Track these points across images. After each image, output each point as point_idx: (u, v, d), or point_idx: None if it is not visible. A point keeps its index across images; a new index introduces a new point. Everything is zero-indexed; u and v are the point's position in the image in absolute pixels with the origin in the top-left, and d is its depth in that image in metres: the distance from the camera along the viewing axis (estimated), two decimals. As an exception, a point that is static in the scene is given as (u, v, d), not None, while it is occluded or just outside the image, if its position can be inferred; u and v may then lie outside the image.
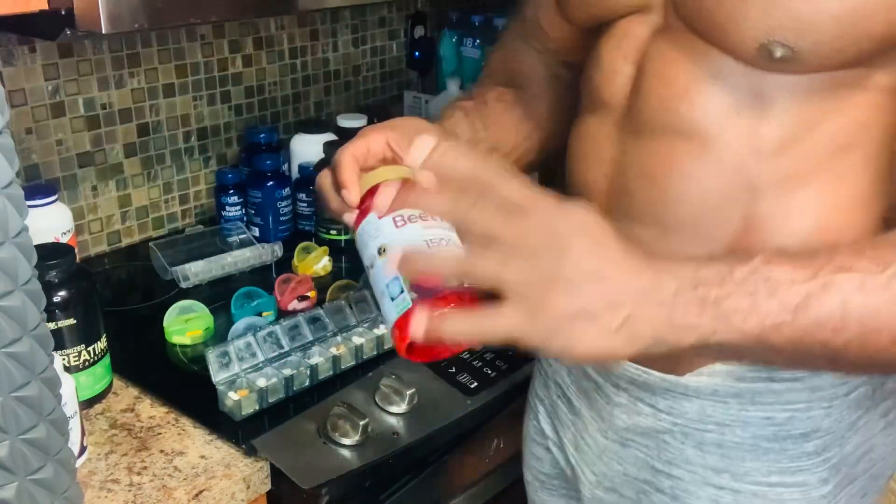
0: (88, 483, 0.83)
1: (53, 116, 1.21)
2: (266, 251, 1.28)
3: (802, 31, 0.57)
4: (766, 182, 0.63)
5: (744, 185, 0.63)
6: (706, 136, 0.63)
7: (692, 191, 0.65)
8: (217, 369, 0.93)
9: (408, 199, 0.58)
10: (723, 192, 0.64)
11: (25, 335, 0.52)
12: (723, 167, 0.63)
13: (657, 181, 0.66)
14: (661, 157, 0.66)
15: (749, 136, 0.62)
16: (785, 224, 0.63)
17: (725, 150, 0.63)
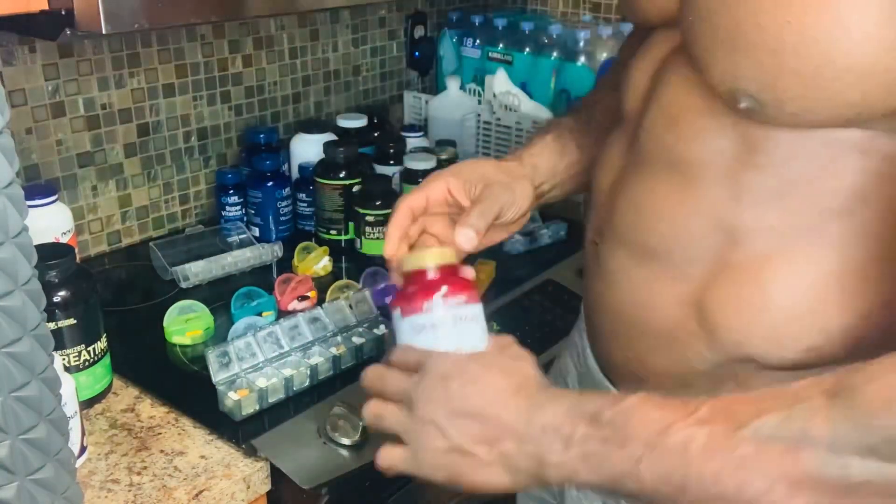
0: (88, 483, 0.83)
1: (53, 116, 1.21)
2: (266, 251, 1.28)
3: (766, 84, 0.53)
4: (742, 234, 0.59)
5: (719, 230, 0.60)
6: (688, 171, 0.61)
7: (665, 225, 0.63)
8: (217, 369, 0.93)
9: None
10: (695, 232, 0.61)
11: (25, 335, 0.52)
12: (699, 207, 0.60)
13: (638, 206, 0.65)
14: (645, 183, 0.64)
15: (730, 182, 0.59)
16: (759, 278, 0.59)
17: (704, 190, 0.60)
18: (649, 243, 0.64)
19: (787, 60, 0.51)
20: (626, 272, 0.67)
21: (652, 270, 0.64)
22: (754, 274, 0.59)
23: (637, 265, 0.66)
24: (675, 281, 0.63)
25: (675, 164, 0.62)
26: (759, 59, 0.52)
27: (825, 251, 0.57)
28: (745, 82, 0.54)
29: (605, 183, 0.71)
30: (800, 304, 0.58)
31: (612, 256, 0.68)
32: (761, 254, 0.59)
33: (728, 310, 0.60)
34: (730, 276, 0.60)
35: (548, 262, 1.31)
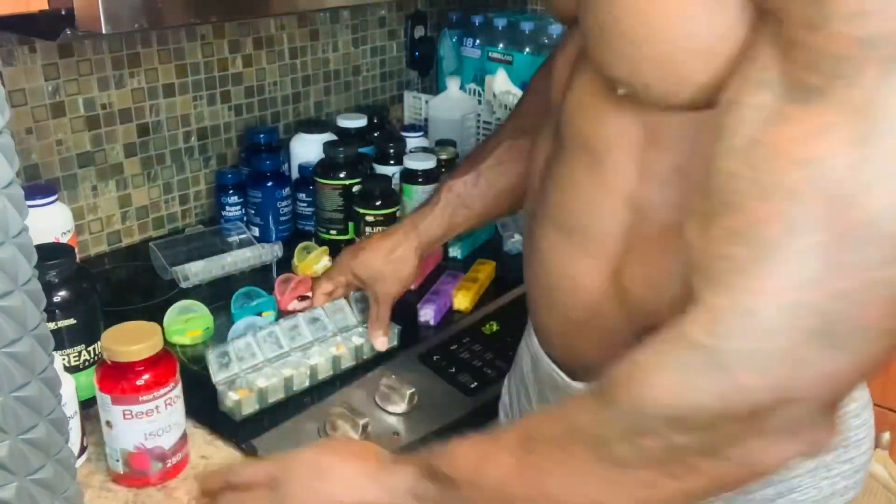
0: (88, 483, 0.83)
1: (53, 116, 1.21)
2: (266, 251, 1.28)
3: (633, 73, 0.57)
4: (651, 211, 0.63)
5: (629, 209, 0.64)
6: (597, 153, 0.65)
7: (582, 204, 0.67)
8: (217, 369, 0.93)
9: None
10: (608, 212, 0.65)
11: (25, 335, 0.52)
12: (609, 186, 0.64)
13: (561, 187, 0.70)
14: (566, 166, 0.69)
15: (637, 161, 0.62)
16: (668, 250, 0.61)
17: (612, 170, 0.64)
18: (570, 221, 0.69)
19: (642, 48, 0.56)
20: (554, 248, 0.71)
21: (574, 246, 0.69)
22: (664, 246, 0.62)
23: (562, 241, 0.70)
24: (595, 256, 0.67)
25: (587, 147, 0.66)
26: (622, 48, 0.57)
27: None
28: (617, 70, 0.58)
29: (537, 167, 0.76)
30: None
31: (543, 234, 0.73)
32: (668, 227, 0.61)
33: (640, 282, 0.65)
34: (640, 251, 0.64)
35: (548, 262, 1.31)
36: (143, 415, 0.79)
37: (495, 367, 1.06)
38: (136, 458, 0.81)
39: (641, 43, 0.56)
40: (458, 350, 1.08)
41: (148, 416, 0.79)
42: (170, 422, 0.81)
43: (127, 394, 0.78)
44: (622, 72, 0.58)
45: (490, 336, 1.12)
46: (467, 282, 1.20)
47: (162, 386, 0.79)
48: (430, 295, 1.17)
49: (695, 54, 0.54)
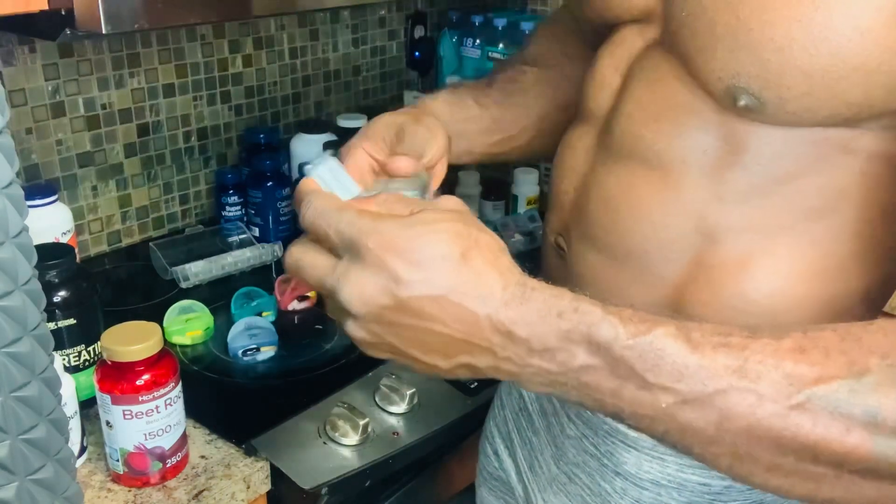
0: (88, 483, 0.83)
1: (53, 116, 1.21)
2: (266, 251, 1.28)
3: (768, 83, 0.52)
4: (723, 232, 0.58)
5: (699, 230, 0.59)
6: (667, 169, 0.59)
7: (643, 224, 0.61)
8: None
9: None
10: (675, 232, 0.60)
11: (25, 335, 0.52)
12: (680, 206, 0.59)
13: (613, 206, 0.63)
14: (621, 182, 0.62)
15: (713, 180, 0.58)
16: (739, 279, 0.58)
17: (685, 188, 0.59)
18: (624, 244, 0.62)
19: (795, 58, 0.50)
20: (599, 276, 0.65)
21: (626, 272, 0.63)
22: (734, 274, 0.58)
23: (610, 267, 0.64)
24: (651, 283, 0.62)
25: (655, 163, 0.60)
26: (763, 56, 0.51)
27: (806, 249, 0.57)
28: (747, 80, 0.53)
29: (570, 184, 0.69)
30: (781, 302, 0.58)
31: (582, 261, 0.66)
32: (742, 253, 0.58)
33: (707, 311, 0.60)
34: (709, 277, 0.59)
35: (548, 262, 1.31)
36: (143, 415, 0.79)
37: (495, 367, 1.05)
38: (136, 458, 0.81)
39: (795, 52, 0.50)
40: (458, 350, 1.08)
41: (148, 416, 0.79)
42: (170, 422, 0.81)
43: (127, 394, 0.78)
44: (754, 82, 0.52)
45: (490, 336, 1.12)
46: (467, 282, 1.20)
47: (162, 386, 0.79)
48: (430, 295, 1.16)
49: (859, 71, 0.50)
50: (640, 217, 0.61)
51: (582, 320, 0.45)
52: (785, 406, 0.44)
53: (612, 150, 0.64)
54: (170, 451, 0.82)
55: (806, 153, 0.55)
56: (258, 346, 1.04)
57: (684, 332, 0.45)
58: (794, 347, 0.45)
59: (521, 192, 1.50)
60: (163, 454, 0.81)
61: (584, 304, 0.46)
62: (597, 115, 0.67)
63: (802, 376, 0.44)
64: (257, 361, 1.04)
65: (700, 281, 0.60)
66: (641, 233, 0.61)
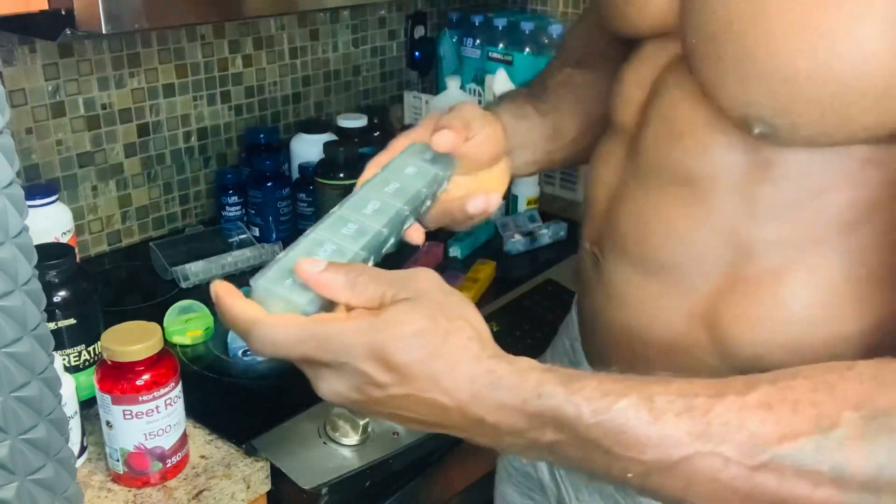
0: (88, 483, 0.83)
1: (53, 116, 1.21)
2: (266, 251, 1.28)
3: (779, 111, 0.52)
4: (756, 247, 0.58)
5: (730, 245, 0.59)
6: (696, 186, 0.59)
7: (675, 239, 0.61)
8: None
9: None
10: (706, 248, 0.60)
11: (25, 335, 0.52)
12: (710, 222, 0.59)
13: (643, 221, 0.63)
14: (651, 197, 0.63)
15: (742, 196, 0.58)
16: (771, 296, 0.58)
17: (715, 204, 0.59)
18: (657, 259, 0.63)
19: (802, 87, 0.50)
20: (631, 287, 0.65)
21: (659, 285, 0.63)
22: (769, 287, 0.58)
23: (643, 280, 0.64)
24: (685, 296, 0.62)
25: (683, 179, 0.60)
26: (771, 86, 0.51)
27: (840, 260, 0.57)
28: (758, 108, 0.53)
29: (602, 195, 0.69)
30: (817, 314, 0.58)
31: (615, 271, 0.67)
32: (776, 266, 0.58)
33: (743, 324, 0.59)
34: (743, 290, 0.59)
35: (548, 262, 1.31)
36: (143, 415, 0.79)
37: (495, 367, 1.06)
38: (136, 458, 0.81)
39: (802, 81, 0.50)
40: (458, 350, 1.08)
41: (148, 416, 0.79)
42: (170, 422, 0.81)
43: (127, 394, 0.78)
44: (765, 111, 0.52)
45: (490, 336, 1.12)
46: (467, 282, 1.20)
47: (162, 386, 0.79)
48: (430, 295, 1.16)
49: (868, 96, 0.49)
50: (671, 232, 0.61)
51: (546, 404, 0.48)
52: (749, 467, 0.44)
53: (640, 166, 0.64)
54: (170, 451, 0.82)
55: (833, 169, 0.55)
56: (258, 346, 1.04)
57: (647, 402, 0.47)
58: (761, 403, 0.46)
59: (521, 192, 1.50)
60: (163, 454, 0.81)
61: (548, 386, 0.48)
62: (625, 129, 0.67)
63: (766, 435, 0.44)
64: (257, 361, 1.04)
65: (734, 294, 0.59)
66: (672, 248, 0.61)
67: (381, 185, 0.64)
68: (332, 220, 0.59)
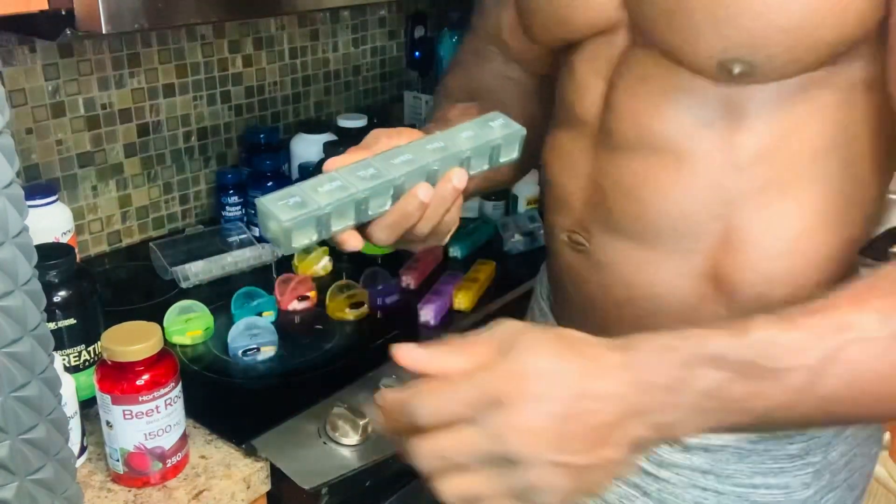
0: (88, 483, 0.83)
1: (53, 116, 1.21)
2: (266, 251, 1.28)
3: (756, 47, 0.57)
4: (743, 194, 0.63)
5: (721, 199, 0.63)
6: (679, 150, 0.63)
7: (669, 205, 0.65)
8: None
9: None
10: (700, 206, 0.64)
11: (25, 335, 0.52)
12: (698, 181, 0.63)
13: (633, 196, 0.67)
14: (636, 173, 0.66)
15: (723, 149, 0.62)
16: (766, 235, 0.63)
17: (700, 163, 0.63)
18: (654, 228, 0.66)
19: (773, 19, 0.55)
20: (630, 264, 0.68)
21: (659, 254, 0.67)
22: (761, 228, 0.63)
23: (642, 254, 0.67)
24: (685, 258, 0.65)
25: (666, 147, 0.64)
26: (745, 25, 0.56)
27: (818, 187, 0.62)
28: (736, 51, 0.57)
29: (575, 185, 0.72)
30: (805, 242, 0.63)
31: (609, 249, 0.70)
32: (763, 207, 0.63)
33: (745, 269, 0.64)
34: (738, 238, 0.63)
35: (548, 262, 1.31)
36: (143, 415, 0.79)
37: (495, 367, 1.06)
38: (136, 458, 0.81)
39: (773, 14, 0.55)
40: (458, 350, 1.08)
41: (148, 416, 0.79)
42: (170, 422, 0.81)
43: (127, 394, 0.78)
44: (742, 50, 0.57)
45: (490, 336, 1.12)
46: (467, 282, 1.20)
47: (162, 386, 0.79)
48: (430, 295, 1.17)
49: (830, 15, 0.55)
50: (664, 200, 0.65)
51: (691, 345, 0.49)
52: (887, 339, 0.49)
53: (617, 146, 0.67)
54: (170, 451, 0.82)
55: (798, 101, 0.60)
56: (258, 346, 1.04)
57: (773, 317, 0.50)
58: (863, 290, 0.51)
59: (520, 192, 1.50)
60: (163, 454, 0.81)
61: (685, 333, 0.50)
62: (587, 118, 0.70)
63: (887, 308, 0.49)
64: (257, 361, 1.04)
65: (731, 244, 0.64)
66: (668, 214, 0.65)
67: (427, 142, 0.63)
68: (357, 164, 0.60)
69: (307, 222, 0.57)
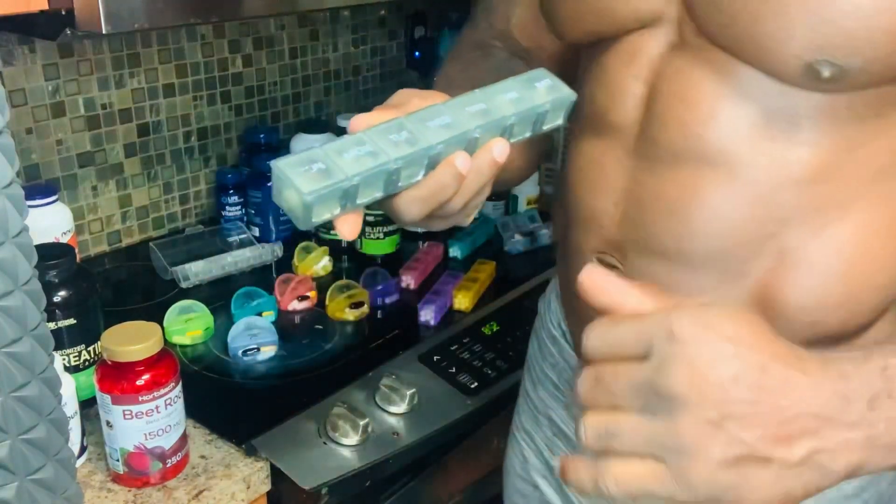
0: (88, 483, 0.83)
1: (53, 116, 1.21)
2: (266, 251, 1.28)
3: (855, 49, 0.51)
4: (799, 212, 0.57)
5: (776, 217, 0.58)
6: (734, 163, 0.58)
7: (719, 223, 0.59)
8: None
9: None
10: (753, 224, 0.58)
11: (25, 335, 0.52)
12: (753, 197, 0.58)
13: (679, 213, 0.60)
14: (682, 187, 0.60)
15: (782, 163, 0.57)
16: (822, 257, 0.58)
17: (755, 177, 0.57)
18: (701, 249, 0.60)
19: (881, 21, 0.50)
20: (669, 285, 0.61)
21: (705, 276, 0.61)
22: (817, 250, 0.58)
23: (684, 274, 0.61)
24: (735, 279, 0.60)
25: (719, 159, 0.58)
26: (846, 25, 0.51)
27: (879, 209, 0.57)
28: (832, 51, 0.52)
29: (607, 201, 0.65)
30: (865, 266, 0.58)
31: (645, 273, 0.63)
32: (821, 228, 0.58)
33: (798, 295, 0.59)
34: (792, 261, 0.58)
35: (548, 262, 1.31)
36: (143, 415, 0.79)
37: (495, 367, 1.06)
38: (136, 458, 0.81)
39: (879, 14, 0.50)
40: (458, 350, 1.08)
41: (148, 416, 0.79)
42: (170, 422, 0.81)
43: (127, 394, 0.78)
44: (838, 52, 0.51)
45: (490, 336, 1.12)
46: (467, 282, 1.20)
47: (162, 386, 0.79)
48: (430, 295, 1.17)
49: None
50: (713, 217, 0.59)
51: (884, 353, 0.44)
52: None
53: (659, 158, 0.61)
54: (170, 451, 0.82)
55: (867, 115, 0.55)
56: (258, 346, 1.04)
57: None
58: None
59: (521, 192, 1.50)
60: (163, 454, 0.81)
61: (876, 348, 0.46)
62: (622, 126, 0.63)
63: None
64: (257, 361, 1.04)
65: (784, 267, 0.59)
66: (717, 233, 0.59)
67: (468, 103, 0.55)
68: (388, 125, 0.52)
69: (331, 195, 0.49)
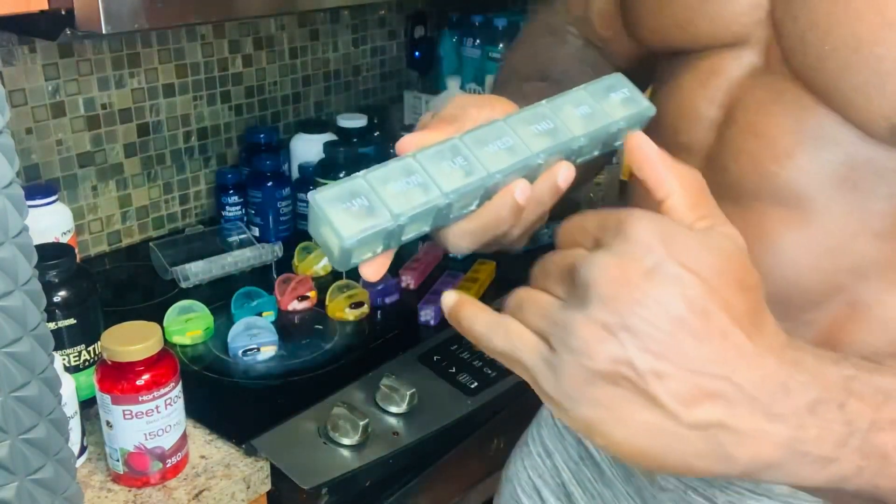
0: (88, 483, 0.83)
1: (53, 116, 1.21)
2: (266, 251, 1.28)
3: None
4: (875, 265, 0.53)
5: (848, 267, 0.53)
6: (809, 207, 0.53)
7: (786, 268, 0.55)
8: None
9: None
10: (823, 273, 0.54)
11: (25, 335, 0.52)
12: (826, 244, 0.53)
13: None
14: (749, 224, 0.54)
15: (861, 214, 0.52)
16: (893, 313, 0.54)
17: (830, 225, 0.53)
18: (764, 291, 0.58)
19: None
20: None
21: None
22: (888, 306, 0.54)
23: None
24: (798, 328, 0.55)
25: (792, 201, 0.54)
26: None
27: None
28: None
29: None
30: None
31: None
32: (892, 288, 0.53)
33: (867, 348, 0.54)
34: (862, 316, 0.54)
35: (548, 262, 1.31)
36: (143, 415, 0.79)
37: (495, 367, 1.06)
38: (136, 458, 0.81)
39: None
40: (458, 350, 1.08)
41: (148, 416, 0.79)
42: (170, 422, 0.81)
43: (127, 394, 0.78)
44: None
45: (490, 336, 1.12)
46: (467, 282, 1.20)
47: (162, 386, 0.79)
48: (430, 295, 1.17)
49: None
50: (780, 262, 0.55)
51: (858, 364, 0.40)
52: None
53: (729, 190, 0.56)
54: (170, 451, 0.82)
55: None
56: (258, 346, 1.04)
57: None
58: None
59: (521, 192, 1.50)
60: (163, 454, 0.81)
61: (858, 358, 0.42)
62: (692, 149, 0.59)
63: None
64: (257, 361, 1.04)
65: (852, 322, 0.54)
66: (783, 278, 0.55)
67: (533, 120, 0.48)
68: (441, 148, 0.46)
69: (374, 237, 0.43)
